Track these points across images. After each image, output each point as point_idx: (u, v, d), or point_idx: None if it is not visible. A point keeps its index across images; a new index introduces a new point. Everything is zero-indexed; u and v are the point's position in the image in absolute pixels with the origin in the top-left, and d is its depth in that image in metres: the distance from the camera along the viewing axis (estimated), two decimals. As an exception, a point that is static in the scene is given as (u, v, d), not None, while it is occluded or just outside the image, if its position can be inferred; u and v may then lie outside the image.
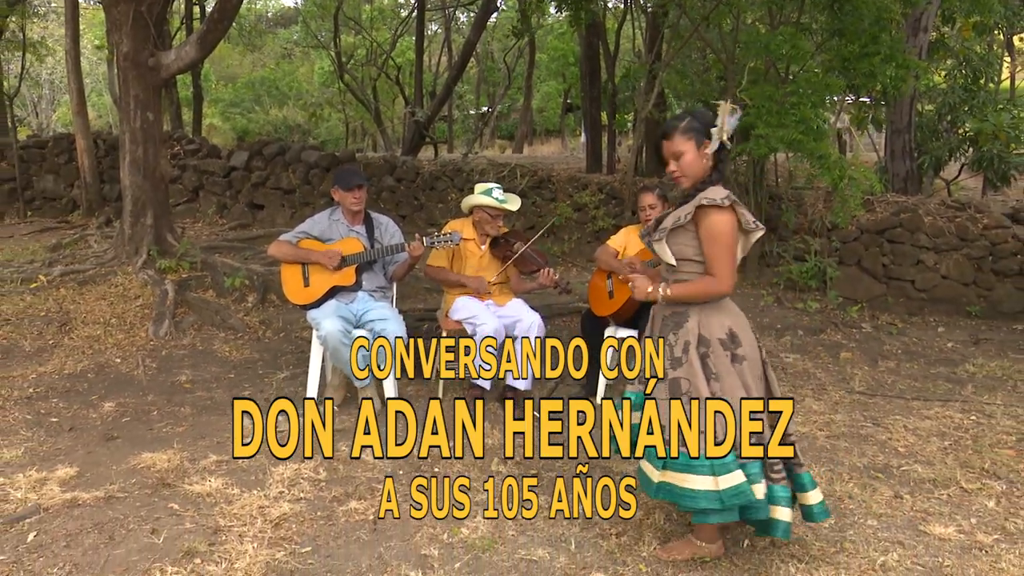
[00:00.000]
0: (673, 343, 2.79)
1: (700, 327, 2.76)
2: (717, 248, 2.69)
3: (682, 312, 2.80)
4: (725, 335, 2.76)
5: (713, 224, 2.68)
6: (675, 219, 2.74)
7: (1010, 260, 7.41)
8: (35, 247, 8.58)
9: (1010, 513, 3.42)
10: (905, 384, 5.47)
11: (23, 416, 4.40)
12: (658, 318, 2.91)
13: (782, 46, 7.13)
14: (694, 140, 2.73)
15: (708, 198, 2.67)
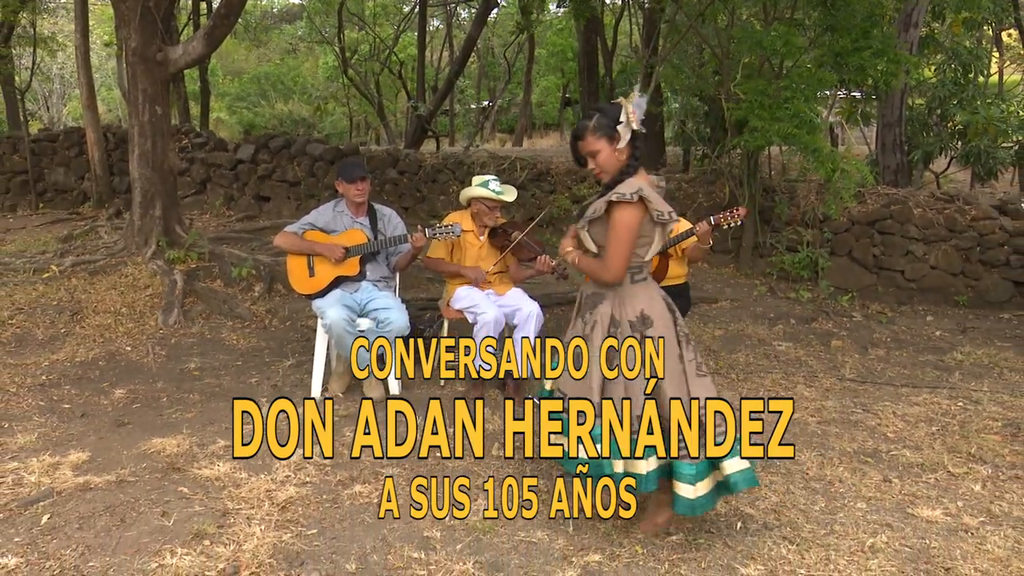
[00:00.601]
0: (586, 319, 2.97)
1: (613, 309, 2.92)
2: (614, 241, 2.82)
3: (600, 294, 2.95)
4: (636, 317, 2.91)
5: (617, 219, 2.81)
6: (593, 211, 2.88)
7: (997, 251, 7.55)
8: (47, 238, 8.65)
9: (995, 496, 3.51)
10: (894, 371, 5.55)
11: (36, 403, 4.46)
12: (581, 296, 3.07)
13: (776, 42, 7.19)
14: (605, 137, 2.85)
15: (619, 193, 2.79)
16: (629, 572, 2.80)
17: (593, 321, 2.92)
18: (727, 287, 7.84)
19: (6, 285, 6.49)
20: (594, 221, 2.88)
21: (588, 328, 2.92)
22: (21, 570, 2.69)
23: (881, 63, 7.22)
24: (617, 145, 2.85)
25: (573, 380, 2.94)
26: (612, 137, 2.85)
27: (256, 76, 27.76)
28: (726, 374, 5.35)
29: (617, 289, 2.92)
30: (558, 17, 21.36)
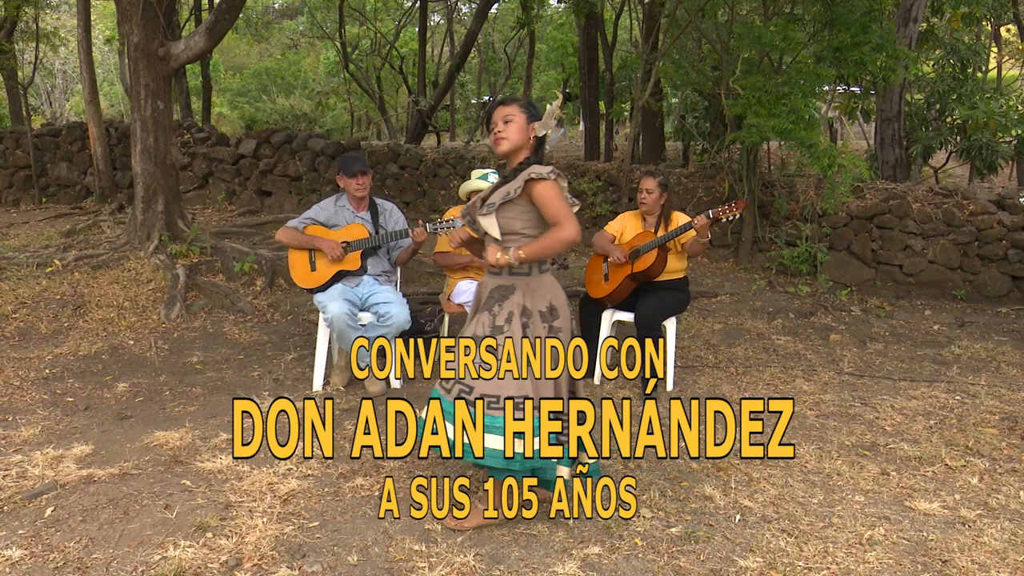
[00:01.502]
0: (497, 312, 2.92)
1: (525, 299, 2.92)
2: (555, 205, 2.83)
3: (509, 286, 2.94)
4: (545, 308, 2.95)
5: (544, 190, 2.83)
6: (504, 194, 2.87)
7: (995, 245, 7.56)
8: (50, 232, 8.67)
9: (992, 489, 3.53)
10: (892, 365, 5.56)
11: (40, 396, 4.47)
12: (485, 291, 3.02)
13: (775, 37, 7.20)
14: (526, 115, 2.91)
15: (536, 172, 2.83)
16: (629, 564, 2.82)
17: (508, 312, 2.90)
18: (726, 281, 7.86)
19: (9, 279, 6.50)
20: (505, 205, 2.88)
21: (502, 320, 2.90)
22: (25, 562, 2.71)
23: (880, 58, 7.24)
24: (532, 130, 2.92)
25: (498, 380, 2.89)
26: (531, 119, 2.92)
27: (257, 71, 27.77)
28: (725, 368, 5.37)
29: (528, 279, 2.94)
30: (559, 12, 21.34)
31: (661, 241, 4.70)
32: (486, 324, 2.92)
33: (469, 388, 2.89)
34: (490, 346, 2.88)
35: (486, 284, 3.03)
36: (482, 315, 2.96)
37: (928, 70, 11.23)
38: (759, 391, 4.92)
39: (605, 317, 4.98)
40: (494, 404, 2.85)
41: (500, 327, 2.89)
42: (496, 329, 2.90)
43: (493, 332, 2.90)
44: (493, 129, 2.93)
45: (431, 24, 23.05)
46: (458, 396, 2.90)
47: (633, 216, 5.04)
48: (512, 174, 2.92)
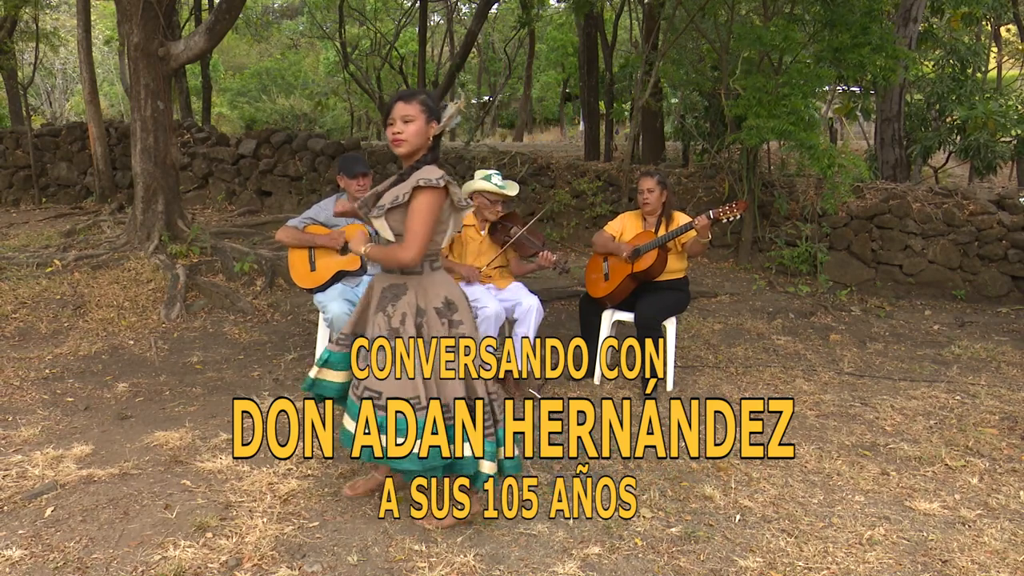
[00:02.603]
0: (391, 314, 2.91)
1: (418, 299, 2.92)
2: (416, 223, 2.82)
3: (401, 285, 2.93)
4: (441, 303, 2.95)
5: (422, 202, 2.80)
6: (393, 198, 2.85)
7: (995, 245, 7.56)
8: (50, 232, 8.66)
9: (992, 489, 3.54)
10: (892, 365, 5.57)
11: (40, 396, 4.47)
12: (376, 290, 3.01)
13: (775, 37, 7.21)
14: (425, 115, 2.87)
15: (425, 179, 2.80)
16: (629, 564, 2.83)
17: (401, 313, 2.90)
18: (726, 281, 7.86)
19: (9, 279, 6.50)
20: (395, 208, 2.86)
21: (396, 321, 2.90)
22: (25, 562, 2.71)
23: (880, 58, 7.24)
24: (431, 129, 2.89)
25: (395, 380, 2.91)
26: (430, 118, 2.89)
27: (257, 71, 27.77)
28: (725, 368, 5.38)
29: (419, 278, 2.94)
30: (558, 12, 21.35)
31: (661, 241, 4.70)
32: (383, 326, 2.92)
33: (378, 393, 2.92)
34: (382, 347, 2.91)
35: (378, 282, 3.02)
36: (377, 316, 2.94)
37: (928, 70, 11.24)
38: (759, 391, 4.92)
39: (605, 317, 4.98)
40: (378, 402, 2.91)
41: (396, 329, 2.90)
42: (392, 331, 2.90)
43: (390, 335, 2.90)
44: (390, 125, 2.88)
45: (431, 24, 23.06)
46: (364, 397, 2.94)
47: (633, 216, 5.04)
48: (408, 171, 2.91)
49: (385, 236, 2.92)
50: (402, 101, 2.86)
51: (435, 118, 2.90)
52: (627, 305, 4.89)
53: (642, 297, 4.79)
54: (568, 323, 6.34)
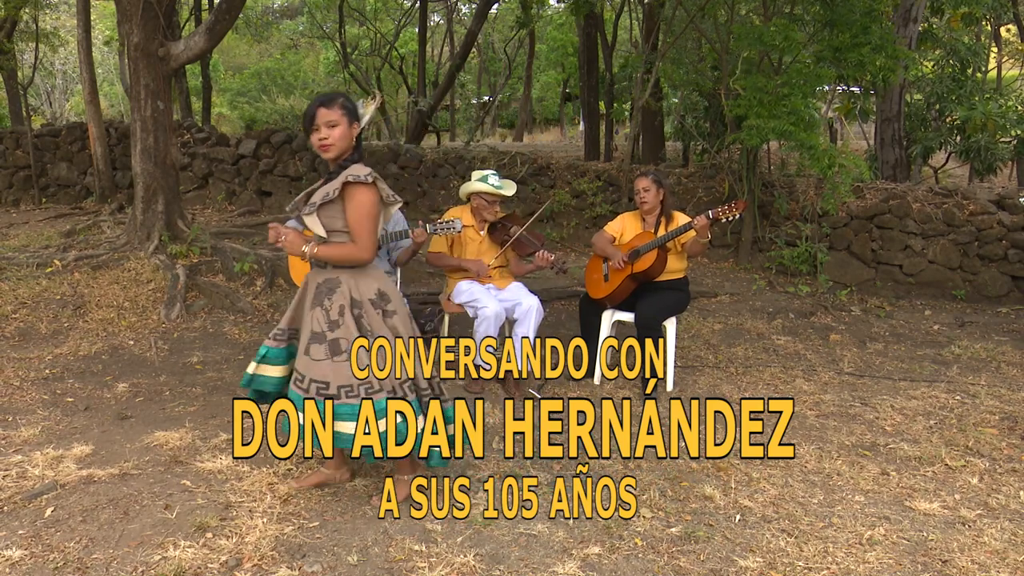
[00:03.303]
0: (328, 307, 2.97)
1: (352, 291, 2.99)
2: (360, 220, 2.91)
3: (335, 279, 3.00)
4: (375, 295, 3.03)
5: (359, 199, 2.90)
6: (324, 194, 2.93)
7: (995, 245, 7.57)
8: (50, 233, 8.64)
9: (992, 489, 3.55)
10: (892, 365, 5.57)
11: (40, 396, 4.47)
12: (311, 286, 3.06)
13: (775, 37, 7.20)
14: (348, 117, 2.95)
15: (354, 175, 2.89)
16: (629, 564, 2.83)
17: (338, 306, 2.96)
18: (726, 281, 7.87)
19: (9, 280, 6.50)
20: (325, 204, 2.93)
21: (335, 314, 2.96)
22: (25, 562, 2.71)
23: (880, 58, 7.25)
24: (354, 130, 2.98)
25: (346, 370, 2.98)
26: (352, 120, 2.96)
27: (257, 71, 27.77)
28: (725, 368, 5.38)
29: (352, 271, 3.00)
30: (558, 12, 21.36)
31: (661, 241, 4.70)
32: (322, 320, 2.97)
33: (325, 384, 2.96)
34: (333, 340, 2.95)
35: (312, 278, 3.07)
36: (315, 311, 3.00)
37: (928, 70, 11.24)
38: (759, 391, 4.92)
39: (605, 317, 4.98)
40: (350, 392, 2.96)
41: (336, 321, 2.96)
42: (332, 324, 2.96)
43: (330, 327, 2.96)
44: (315, 131, 2.94)
45: (431, 24, 23.06)
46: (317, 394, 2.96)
47: (633, 216, 5.04)
48: (336, 171, 2.97)
49: (318, 232, 2.98)
50: (324, 107, 2.93)
51: (356, 119, 2.98)
52: (627, 305, 4.89)
53: (642, 297, 4.79)
54: (568, 323, 6.34)
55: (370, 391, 2.97)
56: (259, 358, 3.19)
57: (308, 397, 2.95)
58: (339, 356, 2.95)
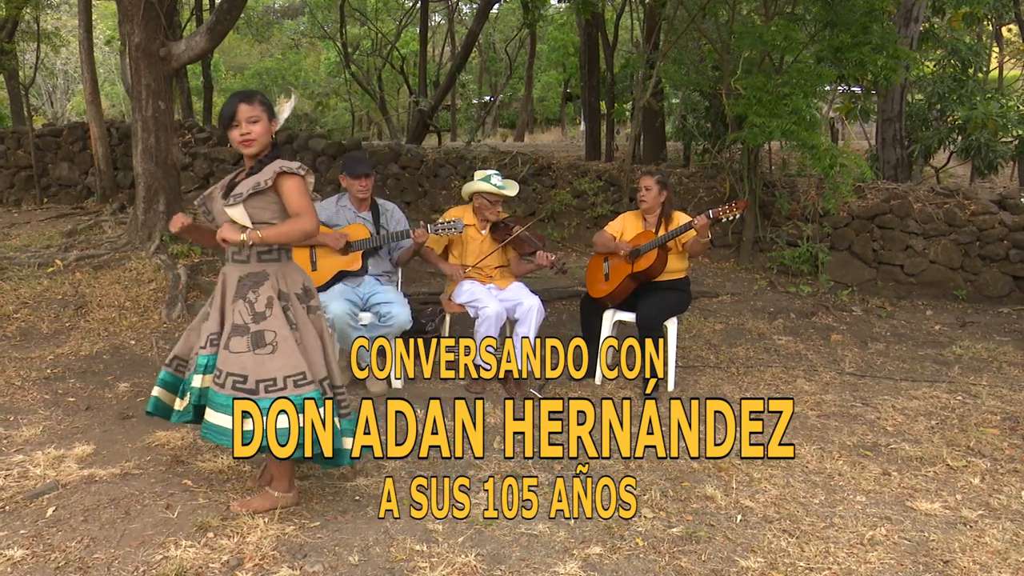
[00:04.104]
0: (254, 300, 2.97)
1: (279, 284, 3.01)
2: (301, 199, 2.97)
3: (260, 272, 3.01)
4: (301, 289, 3.07)
5: (292, 184, 2.96)
6: (254, 185, 2.95)
7: (996, 245, 7.57)
8: (51, 233, 8.63)
9: (994, 490, 3.55)
10: (894, 365, 5.58)
11: (41, 396, 4.46)
12: (232, 280, 3.04)
13: (776, 37, 7.21)
14: (267, 113, 3.00)
15: (286, 166, 2.95)
16: (630, 564, 2.83)
17: (266, 297, 2.97)
18: (727, 281, 7.87)
19: (11, 279, 6.51)
20: (255, 195, 2.95)
21: (262, 306, 2.96)
22: (27, 562, 2.71)
23: (881, 58, 7.25)
24: (273, 126, 3.02)
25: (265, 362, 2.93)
26: (270, 118, 3.02)
27: (258, 71, 27.75)
28: (726, 368, 5.38)
29: (279, 265, 3.04)
30: (559, 12, 21.36)
31: (661, 241, 4.70)
32: (245, 313, 2.95)
33: (243, 377, 2.90)
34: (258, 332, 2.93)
35: (231, 273, 3.05)
36: (237, 304, 2.97)
37: (929, 70, 11.24)
38: (760, 391, 4.93)
39: (606, 317, 4.98)
40: (271, 387, 2.91)
41: (262, 313, 2.95)
42: (258, 316, 2.95)
43: (255, 319, 2.95)
44: (235, 127, 2.96)
45: (432, 24, 23.07)
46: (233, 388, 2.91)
47: (633, 216, 5.04)
48: (258, 166, 3.00)
49: (243, 223, 2.97)
50: (244, 103, 2.95)
51: (273, 116, 3.03)
52: (628, 305, 4.89)
53: (643, 297, 4.79)
54: (569, 323, 6.35)
55: (300, 382, 2.93)
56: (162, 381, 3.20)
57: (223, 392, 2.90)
58: (262, 349, 2.92)
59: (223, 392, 2.89)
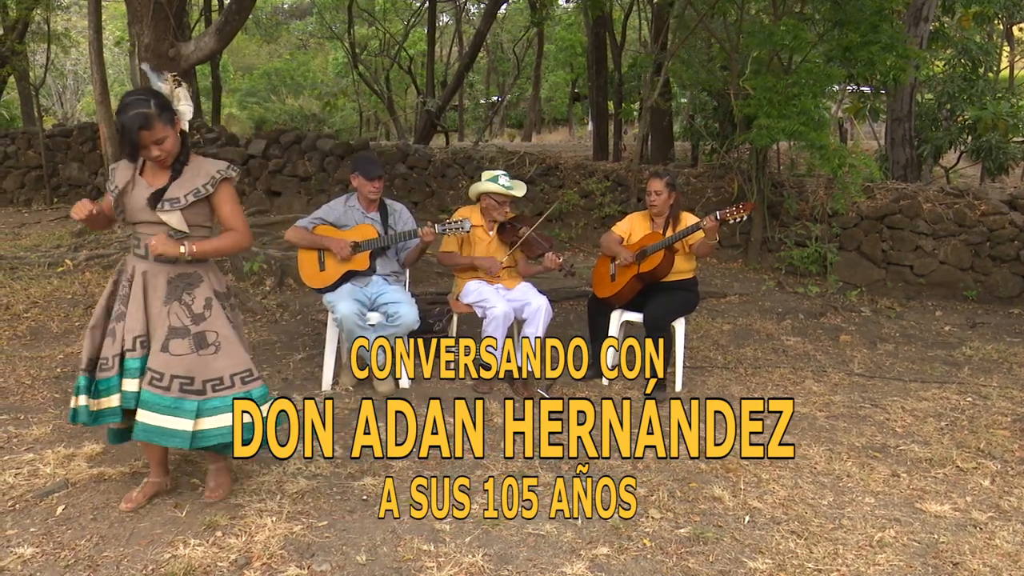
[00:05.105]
0: (190, 302, 2.94)
1: (213, 284, 3.02)
2: (235, 209, 3.01)
3: (192, 273, 2.98)
4: (225, 289, 3.09)
5: (227, 191, 2.98)
6: (194, 191, 2.90)
7: (1007, 245, 7.53)
8: (61, 232, 8.71)
9: (1004, 491, 3.52)
10: (903, 366, 5.55)
11: (51, 395, 4.45)
12: (159, 282, 2.95)
13: (785, 36, 7.21)
14: (170, 123, 2.85)
15: (224, 172, 2.95)
16: (637, 565, 2.82)
17: (204, 298, 2.96)
18: (735, 282, 7.85)
19: (21, 279, 6.55)
20: (196, 203, 2.92)
21: (200, 307, 2.95)
22: (36, 559, 2.72)
23: (890, 58, 7.23)
24: (178, 127, 2.91)
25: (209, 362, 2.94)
26: (174, 122, 2.88)
27: (267, 72, 27.89)
28: (734, 368, 5.36)
29: (208, 266, 3.04)
30: (567, 12, 21.36)
31: (669, 242, 4.69)
32: (183, 315, 2.93)
33: (190, 379, 2.90)
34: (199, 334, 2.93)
35: (156, 273, 2.95)
36: (172, 306, 2.92)
37: (939, 70, 11.20)
38: (768, 392, 4.91)
39: (614, 317, 4.97)
40: (219, 386, 2.93)
41: (201, 314, 2.95)
42: (197, 317, 2.94)
43: (194, 321, 2.93)
44: (145, 150, 2.81)
45: (440, 24, 23.10)
46: (180, 391, 2.90)
47: (641, 217, 5.03)
48: (178, 166, 2.92)
49: (179, 228, 2.91)
50: (144, 129, 2.76)
51: (174, 115, 2.89)
52: (636, 305, 4.88)
53: (651, 297, 4.78)
54: (576, 324, 6.34)
55: (248, 379, 2.98)
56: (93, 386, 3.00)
57: (169, 395, 2.88)
58: (206, 349, 2.91)
59: (168, 395, 2.87)
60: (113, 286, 3.04)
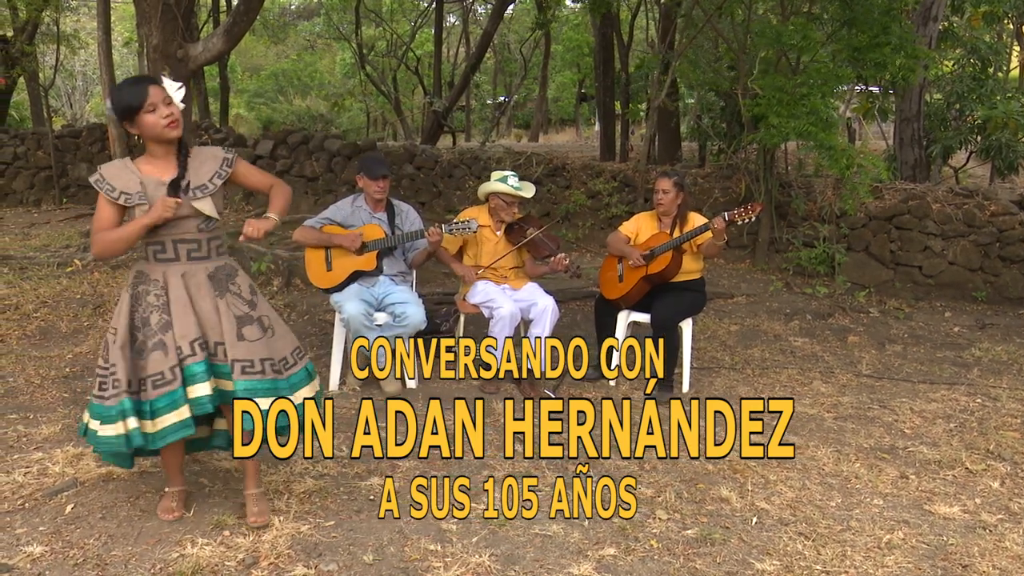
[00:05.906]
0: (238, 291, 2.92)
1: (243, 271, 3.02)
2: (259, 170, 3.12)
3: (225, 265, 2.95)
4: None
5: (244, 162, 3.04)
6: (217, 174, 2.90)
7: (1017, 246, 7.49)
8: (70, 233, 8.73)
9: (1014, 494, 3.52)
10: (912, 367, 5.54)
11: (60, 394, 4.48)
12: (200, 280, 2.87)
13: (793, 36, 7.19)
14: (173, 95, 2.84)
15: (230, 152, 2.99)
16: (644, 566, 2.82)
17: (248, 285, 2.97)
18: (743, 282, 7.83)
19: (31, 279, 6.58)
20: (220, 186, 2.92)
21: (248, 294, 2.95)
22: (45, 558, 2.73)
23: (899, 58, 7.21)
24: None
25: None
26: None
27: (274, 72, 27.95)
28: (742, 369, 5.35)
29: (232, 258, 3.04)
30: (574, 13, 21.34)
31: (677, 243, 4.68)
32: (240, 304, 2.91)
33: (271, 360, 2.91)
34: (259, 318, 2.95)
35: (194, 272, 2.87)
36: (227, 298, 2.87)
37: (948, 70, 11.15)
38: (776, 393, 4.91)
39: (621, 318, 4.97)
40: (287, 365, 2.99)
41: (251, 300, 2.95)
42: (251, 303, 2.94)
43: (250, 307, 2.93)
44: (152, 112, 2.73)
45: (447, 25, 23.09)
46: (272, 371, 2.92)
47: (648, 217, 5.02)
48: (184, 154, 2.89)
49: (211, 215, 2.88)
50: (153, 85, 2.75)
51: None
52: (643, 306, 4.88)
53: (658, 298, 4.78)
54: (583, 324, 6.33)
55: (300, 355, 3.06)
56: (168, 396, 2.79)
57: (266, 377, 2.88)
58: (267, 332, 2.94)
59: (266, 378, 2.88)
60: (132, 300, 2.85)
